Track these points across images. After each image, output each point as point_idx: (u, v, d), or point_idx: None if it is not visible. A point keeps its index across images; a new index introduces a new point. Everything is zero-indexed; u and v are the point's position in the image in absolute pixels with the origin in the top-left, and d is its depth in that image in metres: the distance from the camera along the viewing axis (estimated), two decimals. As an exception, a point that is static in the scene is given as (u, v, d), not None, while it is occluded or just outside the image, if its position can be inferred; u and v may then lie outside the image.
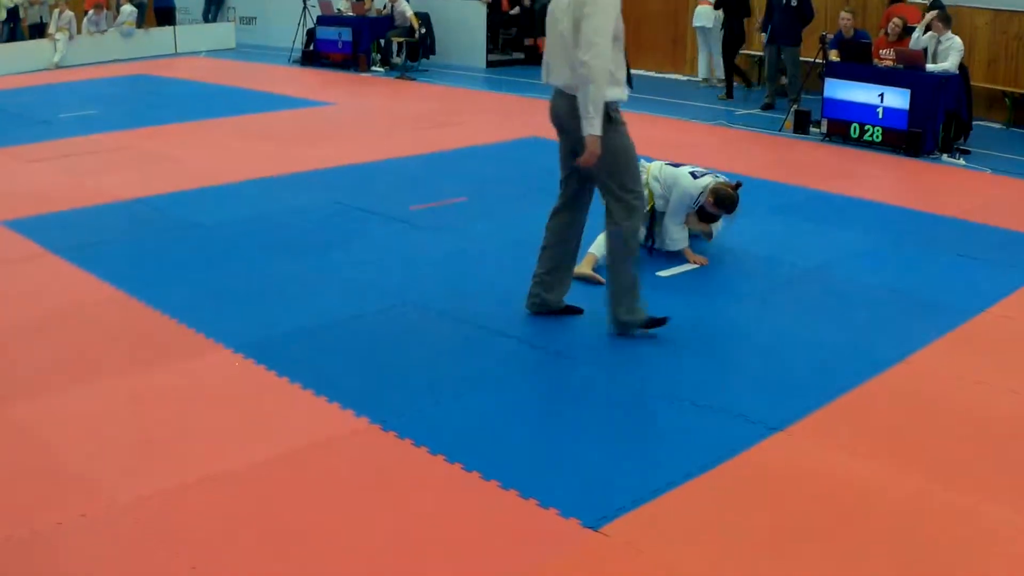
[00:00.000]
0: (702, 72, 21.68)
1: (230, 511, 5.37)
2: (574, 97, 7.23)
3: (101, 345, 7.56)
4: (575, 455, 5.95)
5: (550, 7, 7.47)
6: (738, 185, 9.21)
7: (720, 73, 21.32)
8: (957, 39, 15.30)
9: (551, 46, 7.46)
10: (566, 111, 7.38)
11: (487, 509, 5.41)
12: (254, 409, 6.54)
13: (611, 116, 7.27)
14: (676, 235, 9.35)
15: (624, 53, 7.54)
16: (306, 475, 5.74)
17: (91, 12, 26.27)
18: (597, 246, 8.99)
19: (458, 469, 5.74)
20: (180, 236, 10.23)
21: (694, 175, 9.25)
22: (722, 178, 9.33)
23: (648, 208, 9.43)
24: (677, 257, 9.40)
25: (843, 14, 16.90)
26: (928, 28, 15.63)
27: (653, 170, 9.42)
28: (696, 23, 21.22)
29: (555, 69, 7.43)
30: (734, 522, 5.30)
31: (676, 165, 9.46)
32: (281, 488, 5.60)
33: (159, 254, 9.64)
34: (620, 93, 7.35)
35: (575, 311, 8.00)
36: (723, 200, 9.03)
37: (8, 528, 5.17)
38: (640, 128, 10.19)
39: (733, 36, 19.75)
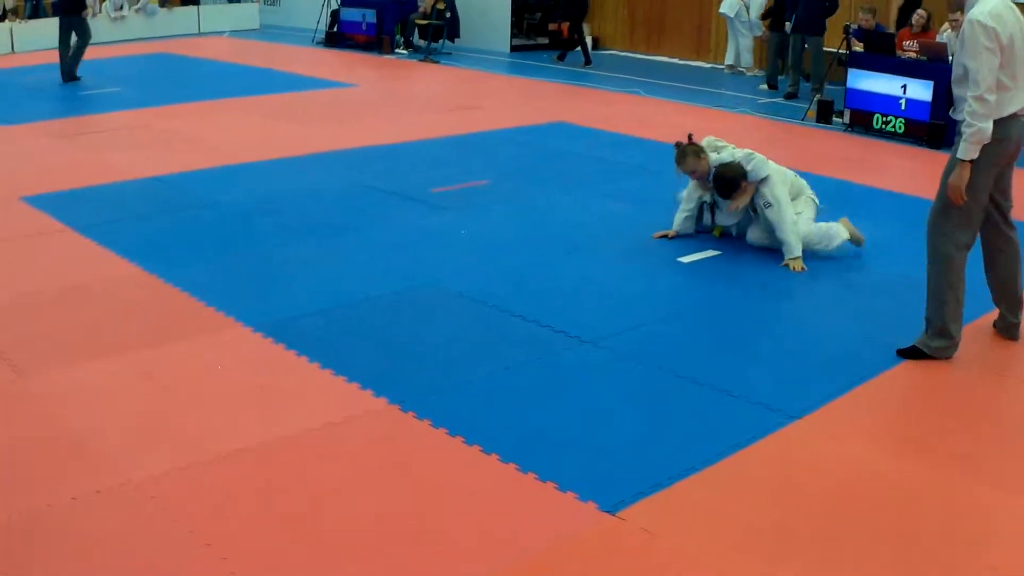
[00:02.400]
0: (728, 58, 21.64)
1: (246, 489, 5.38)
2: None
3: (119, 321, 7.57)
4: (593, 439, 5.94)
5: (1013, 31, 7.05)
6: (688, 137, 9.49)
7: (745, 61, 21.35)
8: (977, 32, 15.26)
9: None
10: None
11: (504, 491, 5.40)
12: (271, 388, 6.54)
13: None
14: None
15: None
16: (323, 455, 5.74)
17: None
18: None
19: (476, 451, 5.74)
20: (200, 214, 10.25)
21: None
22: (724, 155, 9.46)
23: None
24: (702, 244, 9.38)
25: (862, 15, 16.95)
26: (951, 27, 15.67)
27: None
28: (720, 11, 21.21)
29: None
30: (750, 509, 5.29)
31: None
32: (297, 467, 5.61)
33: (179, 232, 9.66)
34: None
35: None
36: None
37: (23, 502, 5.19)
38: (663, 115, 10.24)
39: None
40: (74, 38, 19.07)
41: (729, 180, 9.15)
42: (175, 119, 15.26)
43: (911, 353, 7.24)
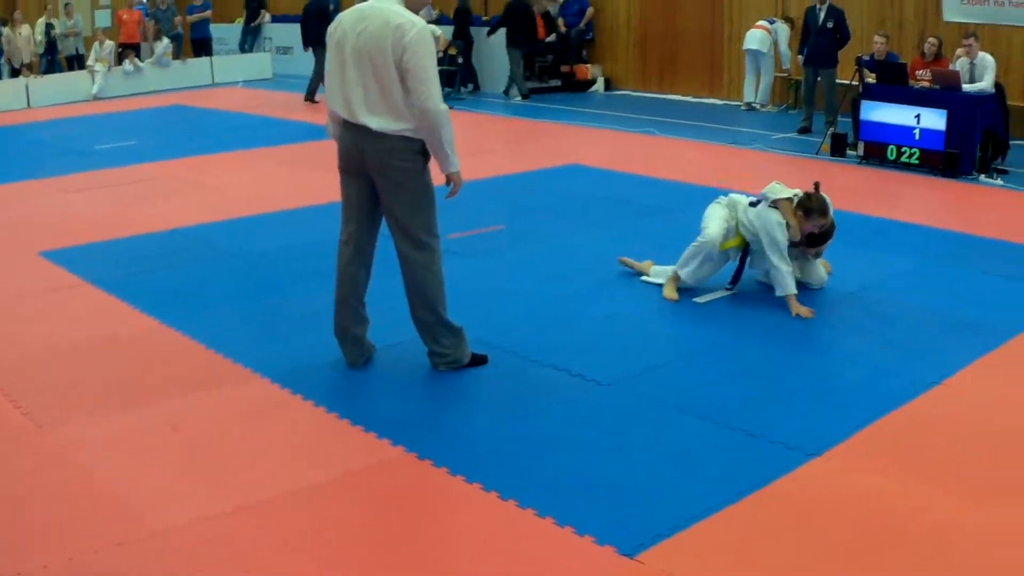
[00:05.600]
0: (746, 96, 21.58)
1: (267, 539, 5.38)
2: (393, 137, 7.06)
3: (138, 373, 7.59)
4: (611, 482, 5.93)
5: (342, 37, 7.13)
6: (816, 186, 9.04)
7: (763, 98, 21.29)
8: (989, 57, 15.35)
9: (356, 80, 7.09)
10: (382, 151, 7.14)
11: (524, 537, 5.39)
12: (290, 438, 6.55)
13: (426, 152, 7.22)
14: (785, 279, 8.86)
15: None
16: (343, 505, 5.74)
17: (126, 62, 26.42)
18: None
19: (494, 497, 5.73)
20: (217, 266, 10.27)
21: (752, 204, 9.09)
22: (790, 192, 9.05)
23: (737, 243, 9.27)
24: (716, 282, 9.35)
25: (876, 38, 16.96)
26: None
27: (738, 206, 9.20)
28: (747, 46, 21.15)
29: (368, 107, 7.10)
30: (772, 550, 5.27)
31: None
32: (318, 517, 5.60)
33: (196, 284, 9.68)
34: None
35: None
36: (811, 206, 8.82)
37: (45, 555, 5.20)
38: (678, 154, 10.25)
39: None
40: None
41: (831, 230, 8.98)
42: (192, 171, 15.33)
43: None
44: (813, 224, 8.84)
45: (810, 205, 8.81)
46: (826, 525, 5.49)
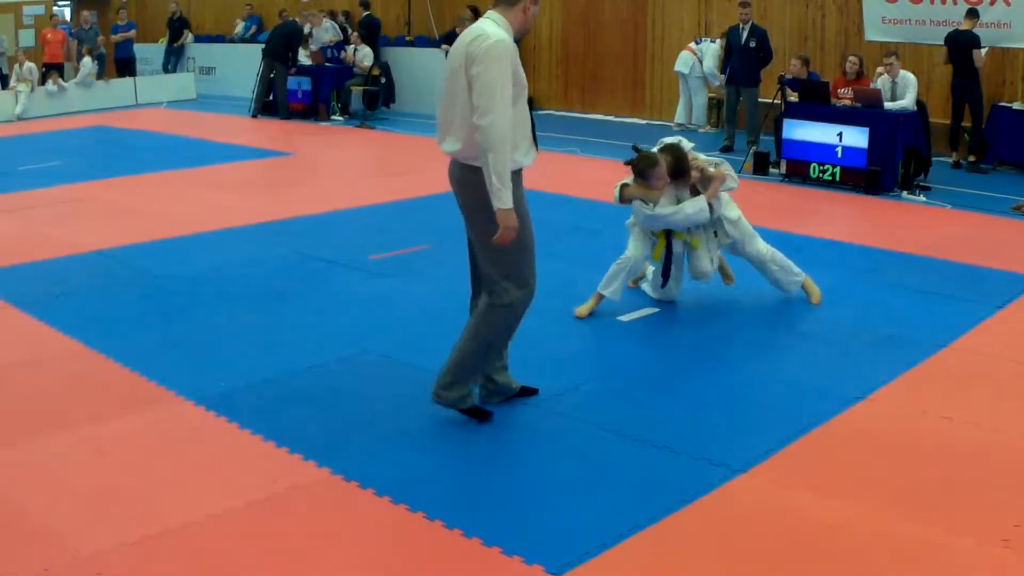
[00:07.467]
0: (678, 116, 21.64)
1: (192, 564, 5.33)
2: (461, 163, 6.69)
3: (61, 397, 7.50)
4: (538, 501, 5.94)
5: (451, 55, 6.71)
6: (634, 148, 9.13)
7: (698, 119, 21.37)
8: (910, 75, 15.53)
9: (444, 103, 6.74)
10: (455, 177, 6.84)
11: (451, 558, 5.38)
12: (214, 461, 6.50)
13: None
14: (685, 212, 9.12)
15: (528, 108, 6.75)
16: (268, 527, 5.70)
17: (49, 82, 26.23)
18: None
19: (421, 518, 5.71)
20: (140, 288, 10.18)
21: None
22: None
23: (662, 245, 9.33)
24: (640, 301, 9.40)
25: (793, 60, 17.15)
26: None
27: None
28: (676, 69, 21.26)
29: (444, 129, 6.77)
30: (699, 566, 5.28)
31: None
32: (243, 540, 5.56)
33: (119, 306, 9.59)
34: (522, 157, 6.72)
35: (530, 391, 7.46)
36: (638, 170, 9.02)
37: (-34, 584, 5.13)
38: (601, 174, 10.24)
39: None
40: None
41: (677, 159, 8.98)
42: (115, 192, 15.20)
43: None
44: (652, 180, 8.96)
45: (637, 169, 9.01)
46: (752, 541, 5.52)
